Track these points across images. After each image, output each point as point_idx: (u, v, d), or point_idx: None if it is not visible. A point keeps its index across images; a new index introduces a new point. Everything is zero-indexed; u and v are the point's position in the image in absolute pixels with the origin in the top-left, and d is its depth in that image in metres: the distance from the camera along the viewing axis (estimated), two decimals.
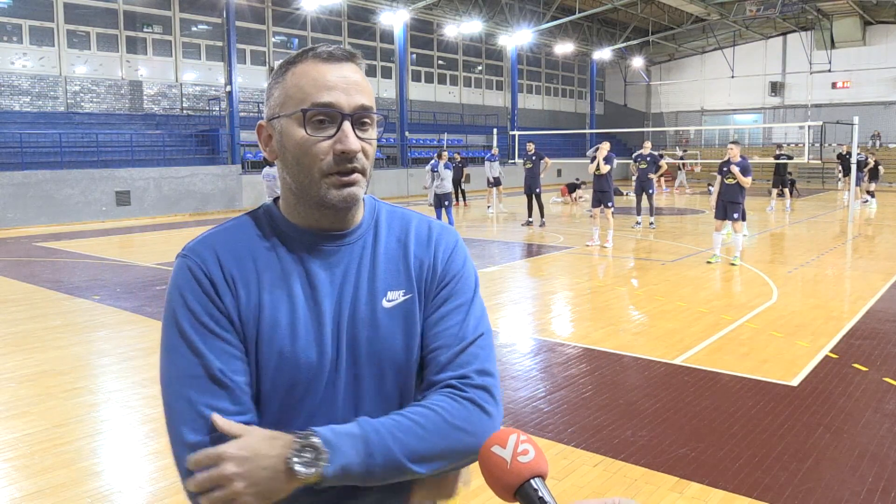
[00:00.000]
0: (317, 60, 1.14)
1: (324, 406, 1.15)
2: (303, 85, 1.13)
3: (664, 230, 14.75)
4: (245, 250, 1.17)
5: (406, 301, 1.21)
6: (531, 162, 15.46)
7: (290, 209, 1.20)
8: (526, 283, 9.50)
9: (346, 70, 1.15)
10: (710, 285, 8.93)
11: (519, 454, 0.92)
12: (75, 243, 13.43)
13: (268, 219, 1.21)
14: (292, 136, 1.13)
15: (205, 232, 1.21)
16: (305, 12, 25.00)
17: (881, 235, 13.91)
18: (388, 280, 1.21)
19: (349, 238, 1.21)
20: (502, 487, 0.91)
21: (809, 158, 18.79)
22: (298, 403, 1.14)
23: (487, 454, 0.94)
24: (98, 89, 20.91)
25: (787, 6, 30.05)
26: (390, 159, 26.67)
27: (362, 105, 1.14)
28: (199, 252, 1.16)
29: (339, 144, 1.12)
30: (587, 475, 3.73)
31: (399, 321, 1.19)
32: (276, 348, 1.12)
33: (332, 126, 1.13)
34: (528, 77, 36.23)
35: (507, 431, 0.95)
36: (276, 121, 1.16)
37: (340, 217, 1.18)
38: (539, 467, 0.92)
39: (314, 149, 1.12)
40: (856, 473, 3.71)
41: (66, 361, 5.80)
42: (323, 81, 1.12)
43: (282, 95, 1.15)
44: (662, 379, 5.29)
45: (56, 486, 3.61)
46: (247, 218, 1.23)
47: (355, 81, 1.15)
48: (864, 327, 6.71)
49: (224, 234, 1.20)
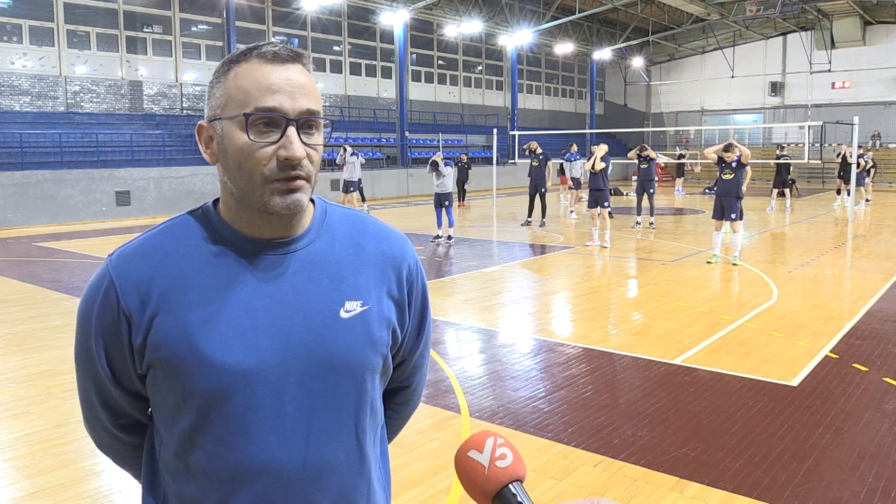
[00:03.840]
0: (261, 60, 1.08)
1: (271, 419, 1.10)
2: (245, 87, 1.07)
3: (664, 230, 14.75)
4: (180, 258, 1.12)
5: (364, 312, 1.16)
6: (538, 161, 15.46)
7: (231, 214, 1.15)
8: (526, 283, 9.50)
9: (292, 71, 1.09)
10: (710, 285, 8.92)
11: (497, 459, 0.89)
12: (75, 243, 13.42)
13: (207, 223, 1.16)
14: (234, 141, 1.08)
15: (141, 235, 1.17)
16: (305, 12, 25.00)
17: (881, 235, 13.91)
18: (346, 290, 1.16)
19: (295, 245, 1.15)
20: (480, 493, 0.89)
21: (809, 158, 18.79)
22: (240, 416, 1.09)
23: (464, 459, 0.90)
24: (98, 89, 20.91)
25: (787, 6, 30.03)
26: (390, 159, 26.66)
27: (308, 109, 1.09)
28: (123, 267, 1.12)
29: (283, 151, 1.07)
30: (587, 475, 3.73)
31: (358, 332, 1.15)
32: (210, 360, 1.08)
33: (276, 131, 1.07)
34: (528, 77, 36.22)
35: (484, 435, 0.91)
36: (217, 122, 1.11)
37: (285, 224, 1.13)
38: (517, 471, 0.89)
39: (257, 154, 1.07)
40: (856, 473, 3.71)
41: (66, 361, 5.80)
42: (266, 84, 1.07)
43: (223, 96, 1.10)
44: (662, 379, 5.29)
45: (56, 486, 3.61)
46: (187, 219, 1.17)
47: (301, 84, 1.09)
48: (864, 327, 6.71)
49: (160, 239, 1.15)
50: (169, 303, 1.09)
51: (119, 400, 1.18)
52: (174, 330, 1.09)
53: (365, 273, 1.19)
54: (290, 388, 1.11)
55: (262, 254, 1.13)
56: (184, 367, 1.08)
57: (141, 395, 1.18)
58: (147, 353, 1.10)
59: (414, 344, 1.31)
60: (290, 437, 1.11)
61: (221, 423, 1.10)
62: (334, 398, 1.14)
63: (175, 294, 1.10)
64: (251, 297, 1.11)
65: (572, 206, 18.12)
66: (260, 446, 1.10)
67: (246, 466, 1.10)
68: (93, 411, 1.22)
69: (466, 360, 5.85)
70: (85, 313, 1.14)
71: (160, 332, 1.09)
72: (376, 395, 1.22)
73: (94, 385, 1.18)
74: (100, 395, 1.19)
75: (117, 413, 1.21)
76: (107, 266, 1.13)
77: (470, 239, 13.64)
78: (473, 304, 7.92)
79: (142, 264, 1.12)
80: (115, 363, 1.14)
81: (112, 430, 1.23)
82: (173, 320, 1.09)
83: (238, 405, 1.09)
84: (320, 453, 1.13)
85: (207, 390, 1.08)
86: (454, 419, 4.53)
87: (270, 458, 1.10)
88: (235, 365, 1.08)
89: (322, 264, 1.16)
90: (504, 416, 4.58)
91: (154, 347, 1.09)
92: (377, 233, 1.24)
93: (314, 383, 1.12)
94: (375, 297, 1.19)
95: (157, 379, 1.11)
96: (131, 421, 1.22)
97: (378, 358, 1.19)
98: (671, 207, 20.50)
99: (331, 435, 1.14)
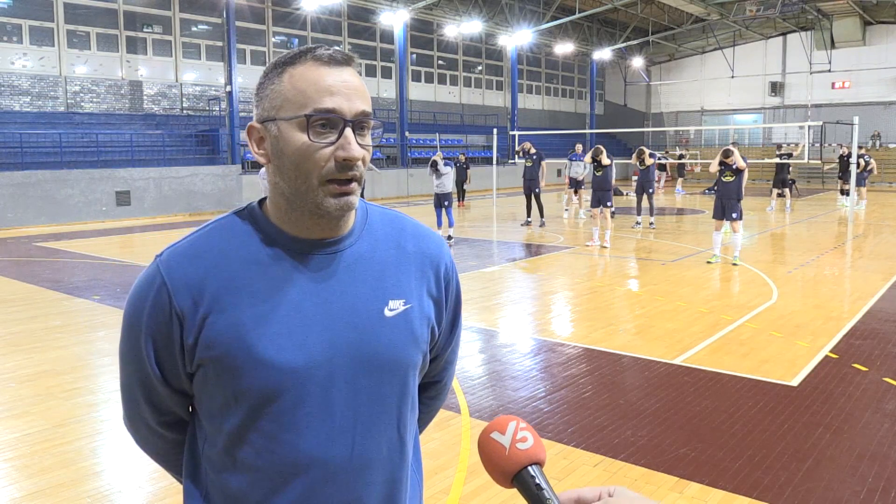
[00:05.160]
0: (317, 63, 1.10)
1: (320, 415, 1.13)
2: (303, 88, 1.09)
3: (664, 230, 14.75)
4: (231, 259, 1.14)
5: (407, 311, 1.20)
6: (531, 161, 15.46)
7: (279, 215, 1.16)
8: (526, 283, 9.50)
9: (346, 74, 1.12)
10: (710, 285, 8.93)
11: (518, 441, 0.92)
12: (75, 243, 13.42)
13: (254, 223, 1.17)
14: (292, 142, 1.10)
15: (190, 234, 1.18)
16: (305, 12, 24.99)
17: (881, 235, 13.91)
18: (389, 289, 1.19)
19: (341, 245, 1.18)
20: (500, 473, 0.92)
21: (809, 158, 18.78)
22: (290, 412, 1.12)
23: (486, 440, 0.94)
24: (98, 89, 20.91)
25: (787, 6, 30.03)
26: (390, 159, 26.67)
27: (363, 111, 1.11)
28: (174, 268, 1.13)
29: (341, 151, 1.09)
30: (587, 475, 3.73)
31: (402, 330, 1.19)
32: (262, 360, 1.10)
33: (334, 132, 1.09)
34: (527, 77, 36.22)
35: (507, 418, 0.95)
36: (270, 123, 1.12)
37: (333, 225, 1.16)
38: (537, 454, 0.92)
39: (316, 155, 1.09)
40: (856, 473, 3.71)
41: (66, 361, 5.80)
42: (325, 86, 1.09)
43: (279, 98, 1.11)
44: (662, 379, 5.29)
45: (56, 486, 3.61)
46: (234, 219, 1.18)
47: (355, 86, 1.11)
48: (864, 327, 6.71)
49: (209, 240, 1.16)
50: (221, 303, 1.11)
51: (165, 398, 1.20)
52: (227, 329, 1.10)
53: (406, 272, 1.22)
54: (338, 384, 1.14)
55: (311, 254, 1.16)
56: (236, 366, 1.10)
57: (187, 392, 1.20)
58: (198, 353, 1.12)
59: (447, 339, 1.35)
60: (337, 432, 1.14)
61: (271, 419, 1.12)
62: (379, 394, 1.17)
63: (227, 294, 1.11)
64: (301, 297, 1.13)
65: (567, 206, 17.98)
66: (308, 441, 1.13)
67: (294, 461, 1.13)
68: (137, 409, 1.24)
69: (466, 360, 5.85)
70: (135, 313, 1.15)
71: (213, 331, 1.10)
72: (415, 390, 1.27)
73: (140, 384, 1.20)
74: (145, 394, 1.20)
75: (162, 411, 1.22)
76: (157, 266, 1.14)
77: (470, 239, 13.64)
78: (473, 304, 7.92)
79: (193, 264, 1.13)
80: (165, 362, 1.15)
81: (155, 428, 1.25)
82: (226, 320, 1.11)
83: (288, 402, 1.12)
84: (366, 447, 1.16)
85: (259, 388, 1.11)
86: (454, 419, 4.53)
87: (318, 452, 1.13)
88: (286, 364, 1.11)
89: (366, 264, 1.19)
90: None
91: (206, 347, 1.11)
92: (415, 232, 1.28)
93: (360, 380, 1.15)
94: (417, 295, 1.22)
95: (207, 377, 1.13)
96: (175, 418, 1.24)
97: (419, 355, 1.23)
98: (671, 207, 20.50)
99: (376, 430, 1.18)
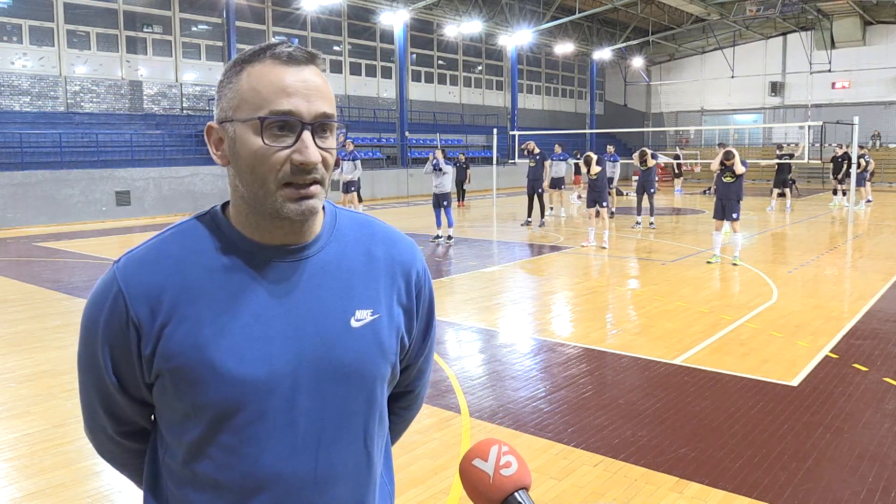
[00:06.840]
0: (275, 62, 1.05)
1: (282, 429, 1.08)
2: (259, 89, 1.04)
3: (664, 230, 14.75)
4: (190, 266, 1.09)
5: (375, 321, 1.15)
6: (535, 160, 15.46)
7: (241, 219, 1.11)
8: (526, 283, 9.50)
9: (307, 73, 1.06)
10: (710, 285, 8.92)
11: (502, 467, 0.88)
12: (75, 243, 13.42)
13: (215, 228, 1.13)
14: (247, 144, 1.05)
15: (149, 240, 1.13)
16: (305, 12, 24.99)
17: (881, 235, 13.91)
18: (356, 298, 1.14)
19: (306, 252, 1.12)
20: (486, 501, 0.88)
21: (809, 158, 18.78)
22: (252, 426, 1.07)
23: (469, 468, 0.89)
24: (98, 89, 20.90)
25: (787, 6, 30.03)
26: (390, 159, 26.66)
27: (323, 113, 1.05)
28: (131, 275, 1.08)
29: (297, 155, 1.04)
30: (587, 475, 3.73)
31: (369, 341, 1.14)
32: (222, 372, 1.05)
33: (291, 135, 1.04)
34: (528, 77, 36.21)
35: (489, 442, 0.90)
36: (228, 124, 1.08)
37: (296, 229, 1.10)
38: (522, 479, 0.88)
39: (271, 159, 1.04)
40: (856, 473, 3.71)
41: (66, 361, 5.80)
42: (282, 86, 1.03)
43: (236, 98, 1.06)
44: (662, 379, 5.29)
45: (56, 486, 3.61)
46: (195, 224, 1.14)
47: (316, 86, 1.06)
48: (864, 327, 6.71)
49: (168, 246, 1.11)
50: (179, 312, 1.07)
51: (124, 407, 1.16)
52: (185, 340, 1.06)
53: (375, 280, 1.17)
54: (302, 397, 1.09)
55: (275, 261, 1.11)
56: (195, 378, 1.06)
57: (147, 402, 1.15)
58: (156, 363, 1.07)
59: (419, 349, 1.30)
60: (301, 446, 1.10)
61: (232, 433, 1.07)
62: (345, 407, 1.13)
63: (185, 303, 1.07)
64: (263, 306, 1.09)
65: (551, 204, 17.57)
66: (271, 456, 1.08)
67: (256, 476, 1.08)
68: (95, 418, 1.19)
69: (466, 360, 5.84)
70: (91, 320, 1.11)
71: (171, 342, 1.06)
72: (384, 403, 1.22)
73: (97, 392, 1.15)
74: (103, 402, 1.16)
75: (121, 420, 1.18)
76: (114, 273, 1.10)
77: (470, 239, 13.64)
78: (473, 304, 7.92)
79: (151, 272, 1.08)
80: (122, 371, 1.11)
81: (115, 438, 1.21)
82: (184, 330, 1.06)
83: (249, 415, 1.07)
84: (331, 462, 1.12)
85: (219, 401, 1.06)
86: (454, 419, 4.53)
87: (281, 467, 1.09)
88: (248, 376, 1.06)
89: (333, 272, 1.14)
90: (504, 416, 4.58)
91: (164, 358, 1.07)
92: (386, 238, 1.22)
93: (325, 393, 1.11)
94: (385, 304, 1.17)
95: (166, 388, 1.09)
96: (135, 428, 1.20)
97: (387, 366, 1.18)
98: (671, 207, 20.50)
99: (341, 444, 1.13)
